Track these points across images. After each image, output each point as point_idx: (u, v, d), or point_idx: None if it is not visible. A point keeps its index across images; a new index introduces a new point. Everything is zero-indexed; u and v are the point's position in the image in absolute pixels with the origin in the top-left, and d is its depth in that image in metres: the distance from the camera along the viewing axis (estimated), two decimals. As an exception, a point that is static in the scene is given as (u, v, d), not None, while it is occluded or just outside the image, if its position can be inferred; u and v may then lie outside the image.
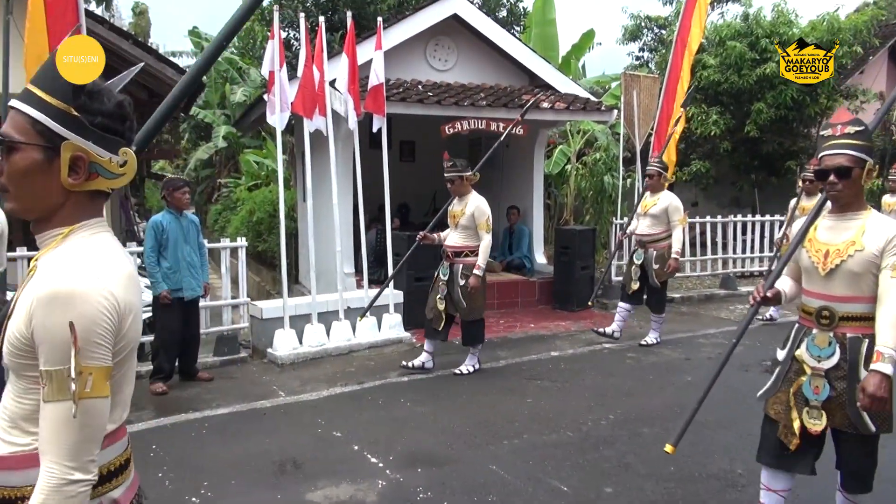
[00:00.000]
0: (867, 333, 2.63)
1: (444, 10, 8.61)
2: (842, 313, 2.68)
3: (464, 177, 5.79)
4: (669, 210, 6.70)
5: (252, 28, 15.43)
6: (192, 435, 4.60)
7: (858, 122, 2.66)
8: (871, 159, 2.64)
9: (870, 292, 2.63)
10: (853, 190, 2.65)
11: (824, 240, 2.73)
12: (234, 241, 7.15)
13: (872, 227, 2.64)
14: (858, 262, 2.61)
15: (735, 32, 12.67)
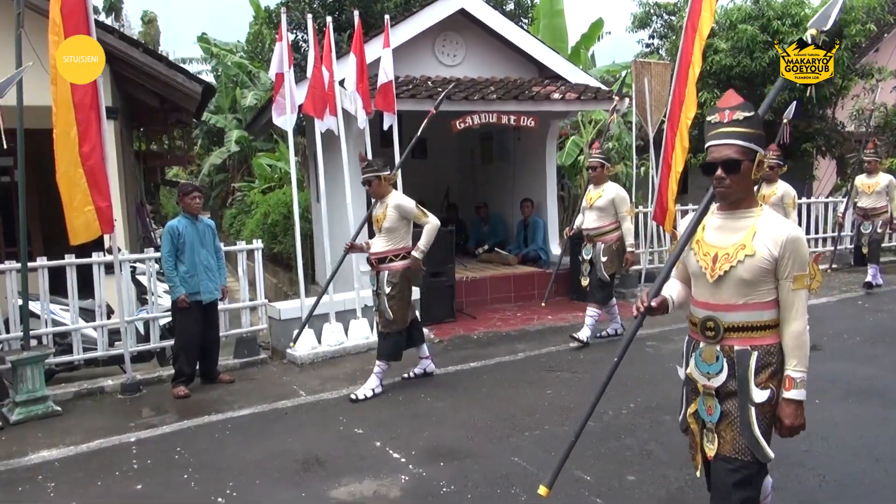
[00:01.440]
0: (756, 345, 2.37)
1: (452, 6, 8.59)
2: (727, 323, 2.40)
3: (381, 177, 5.37)
4: (616, 202, 6.47)
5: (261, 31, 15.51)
6: (216, 436, 4.65)
7: (747, 107, 2.34)
8: (762, 149, 2.34)
9: (759, 298, 2.35)
10: (743, 185, 2.35)
11: (712, 242, 2.43)
12: (250, 244, 7.20)
13: (764, 227, 2.34)
14: (749, 269, 2.32)
15: (746, 15, 12.51)
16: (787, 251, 2.29)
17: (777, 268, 2.31)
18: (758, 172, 2.35)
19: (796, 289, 2.32)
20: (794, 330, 2.33)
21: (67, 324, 6.12)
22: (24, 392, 5.10)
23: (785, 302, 2.34)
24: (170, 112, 10.79)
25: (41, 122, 5.74)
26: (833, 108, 13.53)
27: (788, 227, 2.31)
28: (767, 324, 2.37)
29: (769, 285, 2.34)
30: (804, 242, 2.32)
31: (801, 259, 2.30)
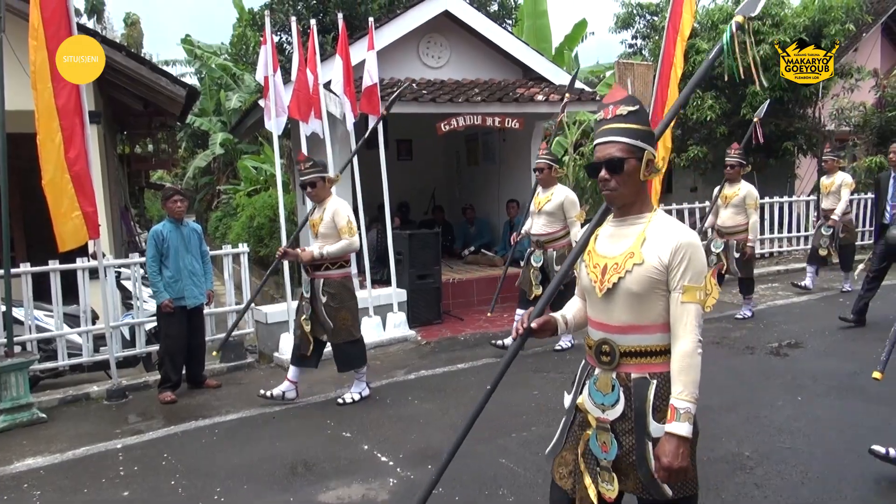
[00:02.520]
0: (655, 372, 2.09)
1: (436, 8, 8.62)
2: (623, 347, 2.11)
3: (325, 178, 5.12)
4: (565, 205, 6.10)
5: (244, 34, 15.44)
6: (203, 442, 4.63)
7: (632, 101, 2.11)
8: (650, 147, 2.09)
9: (657, 319, 2.07)
10: (630, 187, 2.09)
11: (602, 252, 2.17)
12: (236, 248, 7.18)
13: (655, 233, 2.07)
14: (638, 279, 2.04)
15: (727, 15, 12.63)
16: (677, 258, 2.02)
17: (668, 278, 2.04)
18: (648, 173, 2.09)
19: (686, 301, 2.01)
20: (681, 349, 2.02)
21: (52, 330, 6.07)
22: (8, 399, 5.06)
23: (673, 317, 2.04)
24: (154, 115, 10.74)
25: (23, 127, 5.70)
26: (813, 107, 13.69)
27: (681, 232, 2.06)
28: (667, 348, 2.09)
29: (664, 301, 2.07)
30: (700, 250, 2.05)
31: (695, 269, 2.03)
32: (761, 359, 5.84)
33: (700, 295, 2.03)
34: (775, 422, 4.39)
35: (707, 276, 2.05)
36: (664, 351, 2.08)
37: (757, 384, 5.16)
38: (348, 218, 5.04)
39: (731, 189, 7.21)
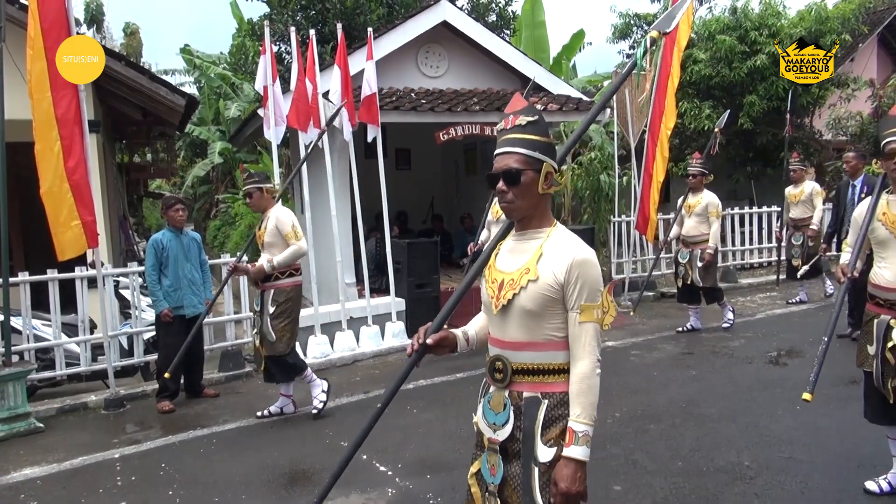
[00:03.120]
0: (548, 392, 1.99)
1: (434, 18, 8.66)
2: (516, 364, 2.02)
3: (263, 189, 5.05)
4: None
5: (244, 43, 15.50)
6: (201, 451, 4.62)
7: (532, 111, 2.03)
8: (549, 159, 2.00)
9: (552, 336, 1.99)
10: (528, 200, 2.00)
11: (501, 267, 2.10)
12: (233, 257, 7.17)
13: (551, 249, 2.00)
14: (532, 297, 1.96)
15: (724, 26, 12.71)
16: (573, 276, 1.94)
17: (564, 296, 1.96)
18: (547, 186, 2.01)
19: (584, 321, 1.95)
20: (579, 371, 1.94)
21: (50, 339, 6.06)
22: (5, 409, 5.04)
23: (572, 337, 1.97)
24: (153, 124, 10.76)
25: (20, 136, 5.70)
26: (811, 116, 13.75)
27: (577, 248, 1.98)
28: (562, 367, 2.00)
29: (559, 318, 1.99)
30: (595, 266, 1.98)
31: (591, 286, 1.96)
32: (760, 368, 5.84)
33: (597, 313, 1.97)
34: (775, 431, 4.39)
35: (604, 294, 1.98)
36: (558, 370, 2.00)
37: (756, 394, 5.16)
38: (292, 223, 4.96)
39: (694, 198, 7.16)
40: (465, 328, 2.28)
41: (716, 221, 7.01)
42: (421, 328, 2.18)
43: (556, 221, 2.10)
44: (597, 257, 2.00)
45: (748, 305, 8.67)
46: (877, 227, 3.30)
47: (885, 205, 3.31)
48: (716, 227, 7.02)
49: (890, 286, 3.26)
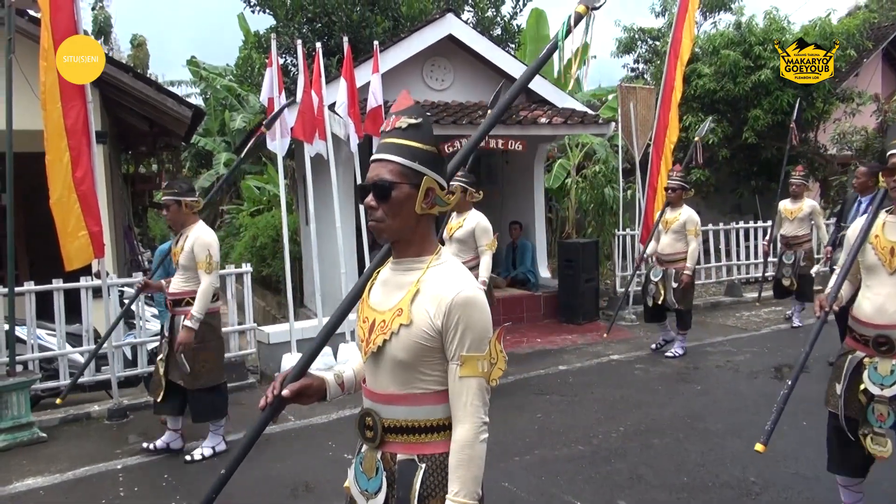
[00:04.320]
0: (426, 454, 1.66)
1: (440, 32, 8.71)
2: (388, 421, 1.69)
3: (182, 202, 4.50)
4: (476, 233, 5.59)
5: (250, 56, 15.60)
6: (204, 463, 4.60)
7: (416, 112, 1.68)
8: (432, 172, 1.65)
9: (430, 388, 1.66)
10: (402, 220, 1.65)
11: (374, 303, 1.75)
12: (239, 268, 7.18)
13: (429, 285, 1.64)
14: (405, 345, 1.63)
15: (728, 41, 12.76)
16: (452, 320, 1.59)
17: (443, 343, 1.62)
18: (428, 205, 1.65)
19: (465, 376, 1.59)
20: (459, 437, 1.60)
21: (54, 349, 6.06)
22: (9, 418, 5.04)
23: (452, 394, 1.63)
24: (159, 135, 10.81)
25: (26, 146, 5.74)
26: (815, 131, 13.75)
27: (458, 285, 1.61)
28: (442, 423, 1.67)
29: (439, 368, 1.65)
30: (481, 308, 1.61)
31: (475, 333, 1.60)
32: (766, 383, 5.81)
33: (482, 366, 1.60)
34: (780, 447, 4.35)
35: (492, 342, 1.63)
36: (438, 427, 1.66)
37: (762, 409, 5.13)
38: (208, 251, 4.43)
39: (673, 214, 6.74)
40: (340, 369, 1.90)
41: (694, 240, 6.61)
42: (278, 376, 1.81)
43: (440, 248, 1.72)
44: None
45: (753, 320, 8.64)
46: (867, 251, 2.87)
47: (881, 226, 2.86)
48: (694, 245, 6.61)
49: (869, 320, 2.82)
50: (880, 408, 2.73)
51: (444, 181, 1.69)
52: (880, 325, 2.76)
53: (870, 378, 2.76)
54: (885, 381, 2.72)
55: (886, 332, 2.74)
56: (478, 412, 1.61)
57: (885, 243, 2.79)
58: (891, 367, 2.72)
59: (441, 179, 1.68)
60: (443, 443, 1.66)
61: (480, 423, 1.61)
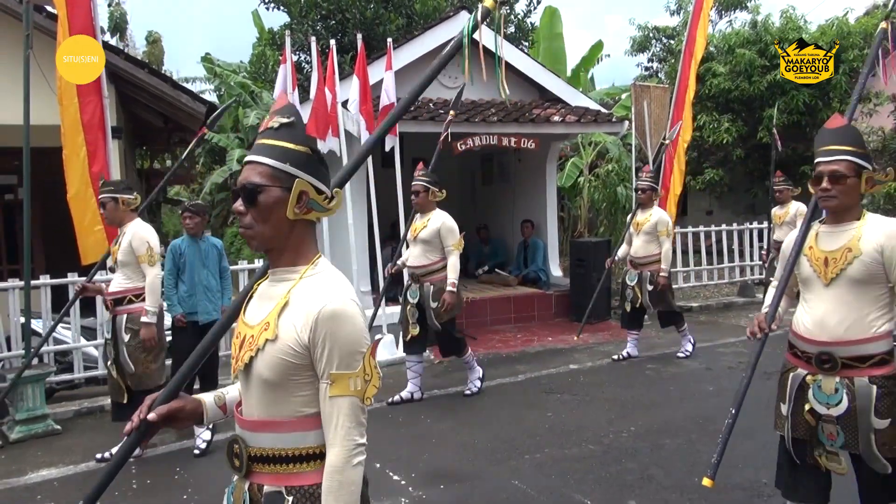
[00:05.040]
0: (294, 486, 1.55)
1: (453, 29, 8.70)
2: (254, 450, 1.58)
3: (119, 199, 4.43)
4: (442, 233, 5.40)
5: (264, 53, 15.67)
6: (215, 457, 4.63)
7: (289, 111, 1.60)
8: (306, 175, 1.55)
9: (297, 412, 1.54)
10: (273, 227, 1.55)
11: (248, 318, 1.64)
12: (252, 264, 7.22)
13: (299, 296, 1.54)
14: (270, 363, 1.51)
15: (744, 40, 12.68)
16: (319, 334, 1.48)
17: (312, 361, 1.51)
18: (302, 209, 1.55)
19: (335, 395, 1.48)
20: (330, 462, 1.49)
21: (69, 342, 6.12)
22: (24, 410, 5.10)
23: (323, 415, 1.51)
24: (173, 131, 10.88)
25: (43, 141, 5.79)
26: (831, 131, 13.62)
27: (328, 297, 1.50)
28: (314, 451, 1.55)
29: (309, 389, 1.53)
30: (352, 321, 1.50)
31: (345, 348, 1.49)
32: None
33: (355, 384, 1.49)
34: (793, 449, 4.33)
35: (366, 357, 1.52)
36: (308, 456, 1.55)
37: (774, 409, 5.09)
38: (148, 244, 4.41)
39: (643, 215, 6.60)
40: (224, 390, 1.76)
41: (666, 241, 6.48)
42: (148, 398, 1.67)
43: (318, 258, 1.61)
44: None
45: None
46: (802, 263, 2.70)
47: (814, 237, 2.68)
48: (667, 246, 6.47)
49: (809, 336, 2.61)
50: (829, 427, 2.58)
51: (324, 184, 1.60)
52: (822, 342, 2.57)
53: (815, 397, 2.60)
54: (830, 401, 2.56)
55: (829, 348, 2.55)
56: (350, 434, 1.49)
57: (818, 254, 2.62)
58: (835, 384, 2.55)
59: (318, 182, 1.58)
60: (314, 473, 1.53)
61: (353, 445, 1.49)
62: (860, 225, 2.55)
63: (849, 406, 2.51)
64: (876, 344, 2.51)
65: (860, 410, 2.50)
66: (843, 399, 2.52)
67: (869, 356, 2.51)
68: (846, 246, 2.53)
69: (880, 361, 2.51)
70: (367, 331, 1.56)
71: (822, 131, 2.69)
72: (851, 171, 2.52)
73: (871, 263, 2.47)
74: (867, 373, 2.51)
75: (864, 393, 2.49)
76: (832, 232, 2.61)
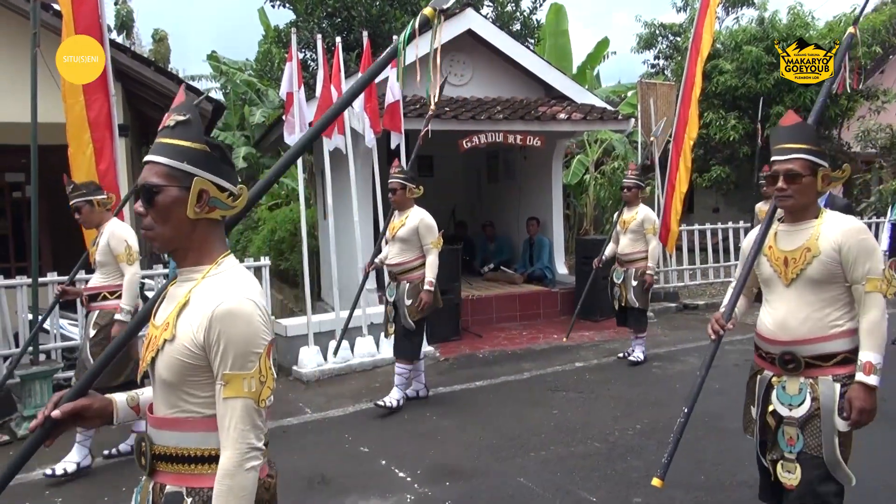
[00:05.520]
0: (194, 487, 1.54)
1: (459, 27, 8.69)
2: (158, 448, 1.58)
3: (94, 201, 4.43)
4: (420, 230, 5.28)
5: (270, 50, 15.68)
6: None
7: (184, 108, 1.58)
8: (206, 172, 1.53)
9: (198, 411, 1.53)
10: (174, 227, 1.53)
11: (157, 319, 1.63)
12: (257, 261, 7.24)
13: (199, 296, 1.53)
14: (168, 363, 1.52)
15: (751, 37, 12.63)
16: (213, 334, 1.46)
17: (209, 361, 1.49)
18: (202, 209, 1.52)
19: (229, 397, 1.46)
20: (222, 465, 1.47)
21: (76, 338, 6.15)
22: (31, 406, 5.13)
23: (218, 416, 1.50)
24: (180, 129, 10.88)
25: (51, 139, 5.81)
26: (839, 128, 13.58)
27: (224, 295, 1.49)
28: (215, 454, 1.52)
29: (209, 390, 1.51)
30: (249, 320, 1.48)
31: (239, 348, 1.47)
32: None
33: (249, 385, 1.46)
34: (799, 447, 4.31)
35: (262, 358, 1.49)
36: (210, 458, 1.53)
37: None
38: (126, 243, 4.36)
39: (629, 213, 6.56)
40: (139, 390, 1.73)
41: (653, 239, 6.48)
42: (55, 395, 1.63)
43: (225, 257, 1.59)
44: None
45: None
46: (762, 263, 2.63)
47: (773, 237, 2.62)
48: (654, 244, 6.48)
49: (772, 336, 2.56)
50: (790, 430, 2.50)
51: (228, 181, 1.57)
52: (784, 342, 2.51)
53: (778, 399, 2.54)
54: (793, 401, 2.49)
55: (791, 348, 2.49)
56: (244, 437, 1.46)
57: (778, 254, 2.56)
58: (799, 385, 2.49)
59: (220, 180, 1.55)
60: (212, 474, 1.50)
61: (246, 448, 1.46)
62: (818, 223, 2.50)
63: (811, 406, 2.46)
64: (838, 342, 2.46)
65: (824, 410, 2.44)
66: (806, 399, 2.47)
67: (832, 354, 2.46)
68: (805, 245, 2.48)
69: (843, 360, 2.46)
70: (267, 331, 1.51)
71: (777, 129, 2.66)
72: (807, 170, 2.48)
73: (829, 262, 2.43)
74: (831, 371, 2.46)
75: (827, 391, 2.44)
76: (790, 231, 2.56)
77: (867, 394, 2.38)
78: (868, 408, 2.38)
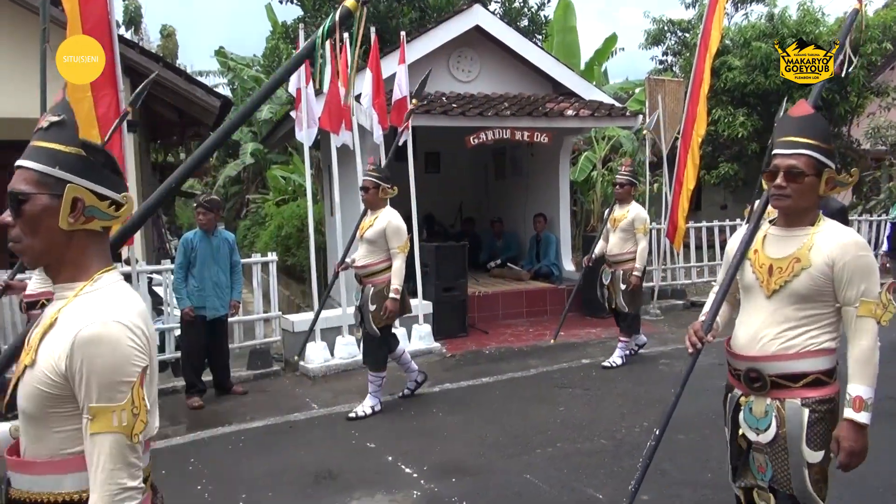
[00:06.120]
0: None
1: (467, 22, 8.68)
2: (14, 492, 1.41)
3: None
4: (388, 233, 5.01)
5: (277, 46, 15.70)
6: (229, 448, 4.67)
7: (60, 108, 1.43)
8: (81, 179, 1.37)
9: (59, 451, 1.35)
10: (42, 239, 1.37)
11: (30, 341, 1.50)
12: (265, 256, 7.26)
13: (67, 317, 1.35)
14: (27, 391, 1.35)
15: (760, 33, 12.55)
16: (76, 363, 1.29)
17: (74, 392, 1.31)
18: (77, 218, 1.36)
19: (96, 433, 1.29)
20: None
21: None
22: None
23: (86, 454, 1.32)
24: (188, 125, 10.92)
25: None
26: (849, 125, 13.49)
27: (87, 320, 1.31)
28: (68, 499, 1.36)
29: (70, 424, 1.34)
30: (111, 347, 1.30)
31: (102, 379, 1.29)
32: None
33: (119, 419, 1.29)
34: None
35: (134, 388, 1.31)
36: (70, 502, 1.36)
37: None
38: None
39: (621, 211, 6.30)
40: None
41: (643, 238, 6.20)
42: None
43: (104, 272, 1.41)
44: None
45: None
46: (745, 268, 2.35)
47: (761, 240, 2.33)
48: (643, 244, 6.20)
49: (740, 351, 2.29)
50: (759, 457, 2.26)
51: (109, 188, 1.40)
52: (750, 357, 2.24)
53: (745, 421, 2.27)
54: (759, 425, 2.22)
55: (757, 364, 2.22)
56: (113, 478, 1.28)
57: (763, 260, 2.26)
58: (765, 406, 2.21)
59: (97, 187, 1.38)
60: None
61: (117, 490, 1.28)
62: (814, 232, 2.19)
63: (777, 432, 2.18)
64: (810, 360, 2.17)
65: (790, 438, 2.15)
66: (772, 423, 2.19)
67: (801, 374, 2.17)
68: (795, 255, 2.18)
69: (815, 381, 2.17)
70: (140, 356, 1.34)
71: (784, 118, 2.33)
72: (811, 169, 2.14)
73: (819, 278, 2.13)
74: (799, 394, 2.16)
75: (794, 417, 2.15)
76: (782, 236, 2.26)
77: (857, 433, 2.09)
78: (858, 449, 2.10)
